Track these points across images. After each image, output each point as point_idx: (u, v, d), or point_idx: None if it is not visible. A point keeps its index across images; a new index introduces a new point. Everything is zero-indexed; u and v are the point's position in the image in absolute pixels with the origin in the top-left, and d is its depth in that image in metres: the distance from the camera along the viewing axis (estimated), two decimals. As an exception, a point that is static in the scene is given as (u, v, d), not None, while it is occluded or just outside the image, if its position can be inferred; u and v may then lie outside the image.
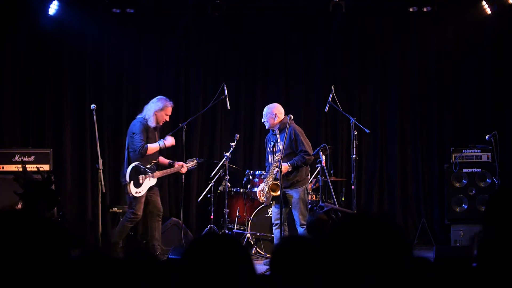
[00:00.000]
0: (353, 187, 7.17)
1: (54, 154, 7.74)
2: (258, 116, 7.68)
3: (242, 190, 7.77)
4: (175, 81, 8.76)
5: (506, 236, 1.93)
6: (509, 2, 8.25)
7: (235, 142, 7.62)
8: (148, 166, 6.98)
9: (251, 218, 7.56)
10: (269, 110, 7.00)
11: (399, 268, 1.55)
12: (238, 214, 7.72)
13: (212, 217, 7.52)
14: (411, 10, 8.55)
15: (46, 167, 7.34)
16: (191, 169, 7.50)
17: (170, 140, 7.17)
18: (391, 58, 8.94)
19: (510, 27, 8.62)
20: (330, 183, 6.85)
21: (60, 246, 1.59)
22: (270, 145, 7.06)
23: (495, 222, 1.98)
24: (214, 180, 7.70)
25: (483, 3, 8.46)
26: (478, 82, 8.77)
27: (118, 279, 1.70)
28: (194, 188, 8.59)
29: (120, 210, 7.91)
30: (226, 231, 7.36)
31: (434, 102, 8.85)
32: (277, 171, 6.70)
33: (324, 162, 6.82)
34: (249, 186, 7.71)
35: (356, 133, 7.14)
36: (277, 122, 6.94)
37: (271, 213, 7.27)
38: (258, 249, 7.47)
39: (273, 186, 6.85)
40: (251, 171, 7.78)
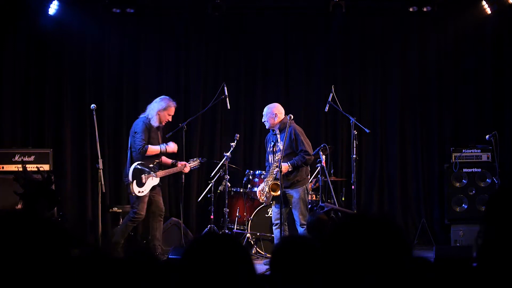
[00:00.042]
0: (353, 187, 7.17)
1: (54, 154, 7.74)
2: (258, 116, 7.68)
3: (242, 190, 7.77)
4: (175, 81, 8.76)
5: (506, 236, 1.93)
6: (509, 2, 8.25)
7: (235, 142, 7.62)
8: (150, 166, 6.98)
9: (251, 218, 7.56)
10: (269, 110, 7.00)
11: (399, 268, 1.55)
12: (238, 214, 7.72)
13: (212, 217, 7.51)
14: (411, 10, 8.56)
15: (46, 167, 7.34)
16: (194, 168, 7.50)
17: (173, 146, 7.15)
18: (391, 58, 8.94)
19: (510, 27, 8.62)
20: (330, 183, 6.85)
21: (60, 246, 1.59)
22: (270, 145, 7.06)
23: (495, 222, 1.98)
24: (214, 180, 7.70)
25: (483, 3, 8.46)
26: (478, 82, 8.77)
27: (118, 279, 1.70)
28: (194, 188, 8.59)
29: (120, 210, 7.92)
30: (226, 231, 7.36)
31: (434, 102, 8.85)
32: (277, 171, 6.70)
33: (324, 162, 6.82)
34: (249, 186, 7.71)
35: (356, 133, 7.14)
36: (277, 122, 6.94)
37: (271, 213, 7.27)
38: (258, 249, 7.47)
39: (273, 186, 6.85)
40: (251, 171, 7.78)
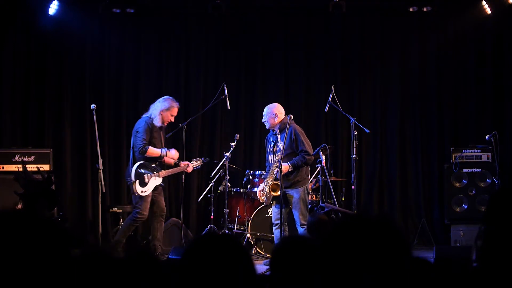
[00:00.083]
0: (353, 187, 7.16)
1: (54, 154, 7.74)
2: (258, 116, 7.68)
3: (242, 190, 7.76)
4: (175, 81, 8.76)
5: (506, 236, 1.93)
6: (509, 2, 8.25)
7: (235, 142, 7.61)
8: (153, 166, 6.97)
9: (251, 218, 7.56)
10: (269, 110, 6.99)
11: (399, 268, 1.55)
12: (238, 214, 7.72)
13: (212, 217, 7.51)
14: (411, 10, 8.55)
15: (46, 167, 7.34)
16: (197, 168, 7.49)
17: (173, 154, 7.13)
18: (391, 58, 8.94)
19: (510, 27, 8.62)
20: (330, 183, 6.84)
21: (60, 246, 1.59)
22: (270, 145, 7.05)
23: (495, 222, 1.98)
24: (214, 180, 7.70)
25: (483, 3, 8.46)
26: (478, 82, 8.77)
27: (118, 279, 1.70)
28: (194, 188, 8.59)
29: (120, 210, 7.91)
30: (226, 231, 7.35)
31: (434, 102, 8.84)
32: (277, 171, 6.69)
33: (324, 162, 6.81)
34: (249, 186, 7.71)
35: (356, 133, 7.13)
36: (277, 122, 6.94)
37: (271, 213, 7.27)
38: (258, 249, 7.47)
39: (273, 186, 6.85)
40: (251, 171, 7.78)
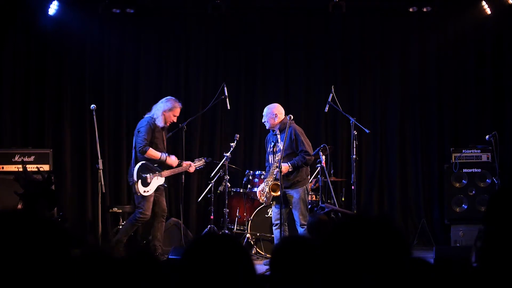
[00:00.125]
0: (353, 187, 7.16)
1: (54, 154, 7.74)
2: (258, 116, 7.68)
3: (242, 190, 7.76)
4: (175, 81, 8.76)
5: (506, 236, 1.93)
6: (509, 2, 8.25)
7: (235, 142, 7.61)
8: (155, 165, 6.97)
9: (251, 218, 7.56)
10: (269, 110, 6.99)
11: (399, 268, 1.55)
12: (238, 214, 7.71)
13: (212, 217, 7.51)
14: (411, 10, 8.55)
15: (46, 167, 7.34)
16: (199, 168, 7.49)
17: (174, 160, 7.10)
18: (391, 58, 8.94)
19: (510, 27, 8.62)
20: (330, 183, 6.84)
21: (60, 246, 1.59)
22: (270, 145, 7.05)
23: (495, 222, 1.98)
24: (214, 180, 7.70)
25: (483, 3, 8.46)
26: (478, 82, 8.77)
27: (118, 279, 1.70)
28: (194, 188, 8.58)
29: (120, 211, 7.91)
30: (226, 231, 7.35)
31: (434, 102, 8.84)
32: (277, 171, 6.69)
33: (324, 162, 6.81)
34: (249, 186, 7.70)
35: (356, 133, 7.13)
36: (277, 122, 6.93)
37: (271, 213, 7.26)
38: (258, 249, 7.47)
39: (273, 186, 6.85)
40: (251, 171, 7.78)
